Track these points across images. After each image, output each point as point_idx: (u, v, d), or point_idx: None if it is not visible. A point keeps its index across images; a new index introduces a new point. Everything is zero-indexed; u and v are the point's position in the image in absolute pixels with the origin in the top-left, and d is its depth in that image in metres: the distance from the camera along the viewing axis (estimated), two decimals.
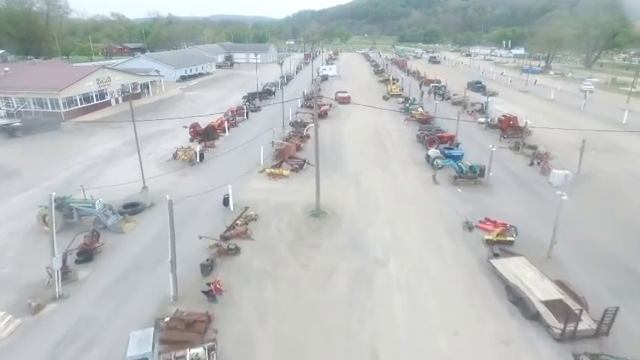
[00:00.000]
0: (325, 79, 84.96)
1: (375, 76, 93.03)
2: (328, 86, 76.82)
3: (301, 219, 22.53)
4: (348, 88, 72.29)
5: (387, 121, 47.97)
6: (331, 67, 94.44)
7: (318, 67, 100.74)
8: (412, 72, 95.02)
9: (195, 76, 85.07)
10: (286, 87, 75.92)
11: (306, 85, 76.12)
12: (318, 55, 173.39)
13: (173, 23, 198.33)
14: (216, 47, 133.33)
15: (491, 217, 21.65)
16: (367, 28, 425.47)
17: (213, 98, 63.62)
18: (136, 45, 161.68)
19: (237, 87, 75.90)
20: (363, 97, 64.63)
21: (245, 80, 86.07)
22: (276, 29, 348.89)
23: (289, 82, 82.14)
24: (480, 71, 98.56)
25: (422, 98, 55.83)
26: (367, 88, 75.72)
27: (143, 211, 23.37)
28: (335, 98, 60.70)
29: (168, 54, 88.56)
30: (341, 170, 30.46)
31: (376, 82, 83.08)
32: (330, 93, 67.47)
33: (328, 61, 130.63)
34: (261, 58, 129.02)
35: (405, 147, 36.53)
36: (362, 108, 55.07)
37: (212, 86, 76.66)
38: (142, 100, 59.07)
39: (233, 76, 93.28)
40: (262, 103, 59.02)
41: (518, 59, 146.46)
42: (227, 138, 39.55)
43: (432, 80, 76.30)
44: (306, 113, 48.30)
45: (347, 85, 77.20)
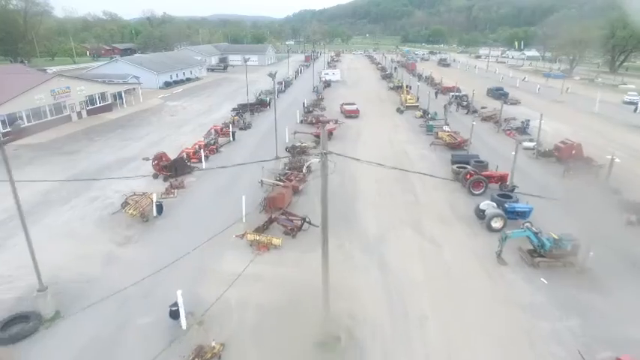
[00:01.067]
0: (328, 85, 75.82)
1: (384, 82, 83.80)
2: (332, 94, 67.65)
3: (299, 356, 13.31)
4: (355, 97, 63.11)
5: (407, 142, 38.71)
6: (334, 71, 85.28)
7: (319, 71, 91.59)
8: (423, 77, 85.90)
9: (182, 82, 75.91)
10: (284, 95, 66.84)
11: (307, 93, 66.98)
12: (320, 56, 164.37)
13: (167, 23, 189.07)
14: (210, 49, 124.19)
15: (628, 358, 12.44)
16: (369, 28, 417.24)
17: (197, 110, 54.42)
18: (126, 46, 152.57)
19: (229, 95, 66.74)
20: (373, 108, 55.56)
21: (238, 86, 76.76)
22: (276, 29, 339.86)
23: (287, 89, 73.00)
24: (500, 76, 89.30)
25: (446, 112, 46.73)
26: (376, 96, 66.52)
27: (35, 333, 14.11)
28: (341, 111, 51.56)
29: (151, 57, 79.43)
30: (356, 232, 21.22)
31: (385, 90, 73.89)
32: (334, 103, 58.39)
33: (330, 64, 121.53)
34: (258, 61, 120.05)
35: (440, 188, 27.31)
36: (374, 124, 46.07)
37: (199, 94, 67.44)
38: (112, 113, 49.88)
39: (225, 81, 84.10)
40: (254, 116, 49.87)
41: (531, 61, 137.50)
42: (203, 172, 30.36)
43: (450, 88, 67.13)
44: (306, 133, 39.15)
45: (353, 93, 68.04)
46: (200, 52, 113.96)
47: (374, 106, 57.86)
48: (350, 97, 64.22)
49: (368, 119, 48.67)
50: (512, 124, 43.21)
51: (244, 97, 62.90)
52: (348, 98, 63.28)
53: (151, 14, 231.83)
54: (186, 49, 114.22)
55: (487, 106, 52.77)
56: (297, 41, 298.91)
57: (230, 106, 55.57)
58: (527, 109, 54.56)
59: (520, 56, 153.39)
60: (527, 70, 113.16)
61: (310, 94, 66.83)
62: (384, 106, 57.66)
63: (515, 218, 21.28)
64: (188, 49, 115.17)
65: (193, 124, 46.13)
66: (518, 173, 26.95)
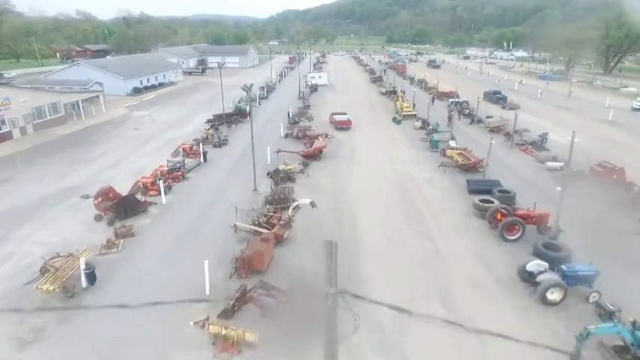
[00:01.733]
0: (314, 89, 69.96)
1: (373, 86, 78.36)
2: (319, 100, 61.80)
3: None
4: (345, 104, 57.55)
5: (410, 161, 33.07)
6: (321, 74, 79.49)
7: (305, 75, 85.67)
8: (415, 79, 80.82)
9: (154, 88, 68.94)
10: (266, 102, 60.67)
11: (292, 100, 60.98)
12: (304, 57, 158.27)
13: (143, 23, 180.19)
14: (188, 50, 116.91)
15: None
16: (353, 28, 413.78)
17: (167, 121, 47.85)
18: (99, 47, 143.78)
19: (205, 102, 60.18)
20: (366, 117, 49.92)
21: (217, 91, 69.88)
22: (259, 29, 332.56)
23: (271, 95, 66.85)
24: (494, 78, 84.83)
25: (451, 124, 41.48)
26: (367, 102, 60.94)
27: None
28: (331, 121, 45.75)
29: (119, 60, 72.20)
30: (363, 316, 15.28)
31: (376, 95, 68.41)
32: (323, 111, 52.56)
33: (316, 65, 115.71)
34: (239, 63, 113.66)
35: (462, 229, 21.71)
36: (369, 138, 40.33)
37: (172, 102, 60.67)
38: (65, 127, 42.99)
39: (203, 85, 77.37)
40: (232, 128, 43.65)
41: (522, 62, 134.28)
42: (162, 209, 24.10)
43: (447, 93, 62.04)
44: (292, 153, 33.22)
45: (342, 99, 62.35)
46: (176, 54, 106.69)
47: (366, 114, 52.23)
48: (339, 104, 58.62)
49: (362, 131, 42.99)
50: (525, 137, 38.03)
51: (225, 103, 56.78)
52: (337, 105, 57.66)
53: (128, 14, 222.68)
54: (161, 51, 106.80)
55: (492, 115, 47.65)
56: (280, 41, 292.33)
57: (206, 115, 49.26)
58: (531, 116, 49.62)
59: (509, 57, 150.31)
60: (519, 71, 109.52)
61: (295, 100, 60.88)
62: (378, 115, 52.09)
63: (574, 284, 15.78)
64: (163, 50, 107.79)
65: (160, 139, 39.63)
66: (547, 203, 21.64)
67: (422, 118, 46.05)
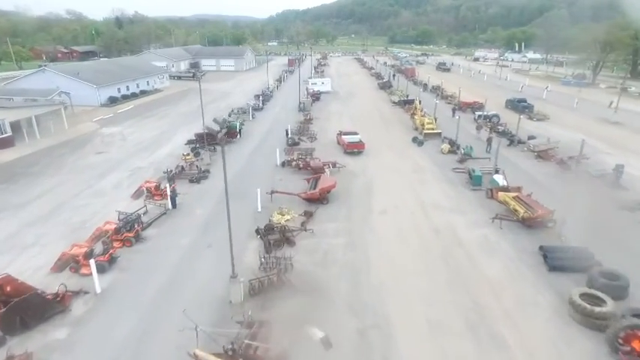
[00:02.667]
0: (317, 98, 61.69)
1: (382, 93, 70.09)
2: (323, 111, 53.53)
3: None
4: (353, 116, 49.44)
5: (450, 209, 24.55)
6: (324, 80, 71.19)
7: (305, 80, 77.45)
8: (428, 85, 72.56)
9: (134, 97, 60.61)
10: (262, 113, 52.37)
11: (291, 111, 52.74)
12: (305, 59, 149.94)
13: (136, 23, 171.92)
14: (180, 52, 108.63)
15: None
16: (354, 28, 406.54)
17: (140, 142, 39.54)
18: (86, 48, 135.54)
19: (190, 115, 51.87)
20: (379, 135, 41.69)
21: (207, 100, 62.12)
22: (258, 29, 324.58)
23: (267, 104, 58.57)
24: (514, 84, 76.47)
25: (489, 148, 33.27)
26: (378, 114, 52.66)
27: None
28: (338, 142, 37.57)
29: (95, 65, 63.91)
30: None
31: (387, 104, 60.16)
32: (327, 126, 44.42)
33: (317, 68, 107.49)
34: (235, 66, 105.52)
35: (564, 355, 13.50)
36: (387, 166, 31.97)
37: (152, 114, 52.34)
38: (11, 150, 34.71)
39: (192, 92, 68.98)
40: (217, 153, 35.38)
41: (537, 65, 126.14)
42: (94, 305, 15.85)
43: (470, 103, 53.84)
44: (290, 194, 25.04)
45: (349, 110, 54.14)
46: (166, 57, 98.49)
47: (379, 131, 43.97)
48: (346, 116, 50.44)
49: (377, 156, 34.73)
50: (591, 168, 29.71)
51: (214, 113, 48.52)
52: (343, 117, 49.49)
53: (122, 13, 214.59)
54: (149, 53, 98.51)
55: (527, 130, 39.46)
56: (280, 42, 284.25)
57: (189, 131, 41.10)
58: (569, 132, 41.61)
59: (521, 59, 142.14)
60: (537, 75, 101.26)
61: (295, 112, 52.64)
62: (393, 132, 43.83)
63: None
64: (152, 52, 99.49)
65: (125, 169, 31.37)
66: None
67: (448, 138, 37.81)
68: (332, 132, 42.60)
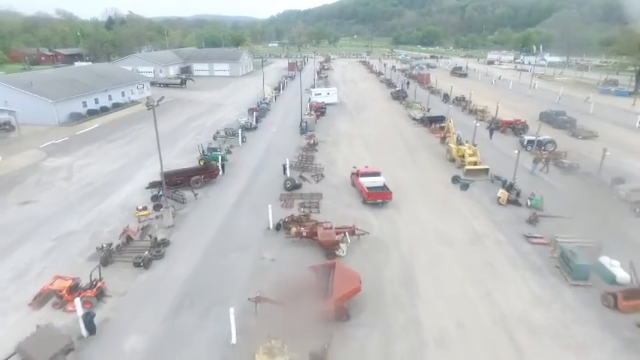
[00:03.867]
0: (322, 113, 51.88)
1: (397, 106, 60.22)
2: (330, 131, 43.71)
3: None
4: (367, 139, 39.91)
5: (555, 336, 14.79)
6: (329, 90, 61.27)
7: (307, 88, 67.80)
8: (448, 95, 62.75)
9: (105, 112, 50.86)
10: (256, 133, 42.52)
11: (291, 129, 42.98)
12: (306, 62, 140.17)
13: (130, 23, 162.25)
14: (169, 55, 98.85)
15: None
16: (356, 28, 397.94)
17: (91, 180, 29.71)
18: (72, 51, 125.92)
19: (168, 137, 42.08)
20: (406, 170, 31.82)
21: (191, 115, 52.49)
22: (258, 30, 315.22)
23: (261, 121, 48.72)
24: (555, 96, 66.43)
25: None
26: (398, 136, 42.73)
27: None
28: (354, 183, 27.90)
29: (52, 74, 53.66)
30: None
31: (406, 121, 50.26)
32: (337, 155, 34.69)
33: (320, 74, 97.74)
34: (230, 70, 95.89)
35: None
36: (432, 239, 21.59)
37: (119, 136, 42.40)
38: None
39: (176, 105, 59.33)
40: (186, 206, 25.47)
41: (552, 68, 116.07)
42: None
43: (510, 122, 44.02)
44: (279, 305, 15.30)
45: (361, 130, 44.38)
46: (154, 61, 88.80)
47: (404, 161, 34.11)
48: (359, 139, 40.74)
49: (409, 208, 24.90)
50: None
51: (198, 134, 39.01)
52: (355, 143, 39.73)
53: (115, 13, 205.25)
54: (134, 57, 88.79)
55: (620, 176, 29.61)
56: (281, 43, 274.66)
57: (161, 162, 31.41)
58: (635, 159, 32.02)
59: (539, 62, 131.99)
60: (563, 81, 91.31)
61: (295, 132, 42.87)
62: (421, 162, 33.99)
63: None
64: (138, 56, 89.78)
65: (48, 236, 21.54)
66: None
67: (500, 178, 28.07)
68: (343, 164, 32.89)
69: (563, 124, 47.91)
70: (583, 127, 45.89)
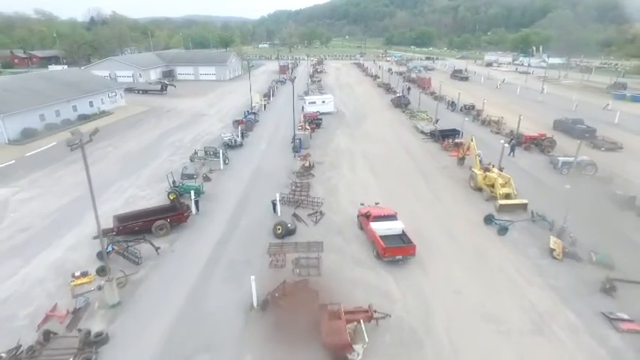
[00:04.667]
0: (317, 124, 45.77)
1: (398, 113, 54.42)
2: (327, 148, 37.56)
3: None
4: (371, 159, 33.98)
5: None
6: (325, 97, 55.10)
7: (301, 94, 61.78)
8: (455, 103, 57.18)
9: (67, 125, 44.17)
10: (239, 155, 36.12)
11: (282, 150, 36.68)
12: (298, 63, 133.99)
13: (114, 24, 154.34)
14: (150, 58, 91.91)
15: None
16: (348, 29, 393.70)
17: (27, 226, 23.15)
18: (48, 53, 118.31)
19: (137, 158, 35.73)
20: (420, 201, 25.82)
21: (168, 128, 45.99)
22: (249, 30, 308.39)
23: (248, 136, 42.44)
24: (570, 103, 61.14)
25: None
26: (406, 155, 36.79)
27: None
28: (362, 226, 21.89)
29: (2, 83, 47.13)
30: None
31: (411, 132, 44.40)
32: (337, 183, 28.60)
33: (313, 77, 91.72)
34: (217, 74, 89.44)
35: None
36: (477, 324, 15.68)
37: (78, 159, 35.83)
38: None
39: (152, 116, 52.79)
40: (143, 266, 19.21)
41: (552, 69, 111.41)
42: None
43: (535, 137, 38.39)
44: None
45: (363, 147, 38.37)
46: (133, 64, 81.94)
47: (418, 191, 28.18)
48: (361, 159, 34.80)
49: (438, 269, 18.89)
50: None
51: (166, 162, 32.73)
52: (358, 164, 33.78)
53: (98, 13, 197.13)
54: (111, 60, 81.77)
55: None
56: (271, 44, 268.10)
57: (122, 195, 25.29)
58: None
59: (540, 64, 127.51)
60: (570, 84, 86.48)
61: (287, 150, 36.69)
62: (440, 191, 28.06)
63: None
64: (115, 59, 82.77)
65: None
66: None
67: (544, 218, 22.35)
68: (346, 195, 26.93)
69: (581, 133, 43.06)
70: (605, 138, 40.94)
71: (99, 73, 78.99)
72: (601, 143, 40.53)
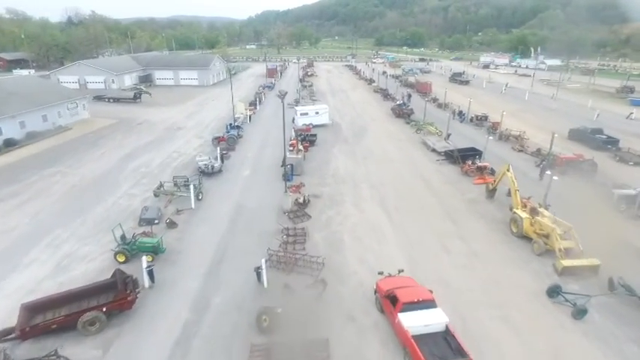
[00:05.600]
0: (311, 142, 39.12)
1: (401, 125, 48.11)
2: (325, 174, 30.65)
3: None
4: (378, 189, 27.41)
5: None
6: (318, 108, 48.32)
7: (291, 103, 55.30)
8: (462, 112, 51.14)
9: (10, 146, 36.76)
10: (215, 186, 28.98)
11: (269, 179, 29.59)
12: (287, 66, 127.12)
13: (88, 24, 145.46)
14: (126, 62, 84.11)
15: None
16: (337, 29, 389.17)
17: None
18: (15, 56, 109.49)
19: (79, 197, 28.69)
20: (445, 251, 19.01)
21: (130, 150, 38.66)
22: (236, 31, 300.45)
23: (229, 159, 35.51)
24: (587, 110, 55.53)
25: None
26: (421, 182, 30.32)
27: None
28: (382, 307, 15.05)
29: None
30: None
31: (418, 148, 38.07)
32: (342, 229, 21.81)
33: (303, 82, 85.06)
34: (199, 79, 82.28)
35: None
36: None
37: (10, 194, 28.32)
38: None
39: (118, 132, 45.54)
40: None
41: (552, 71, 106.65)
42: None
43: (571, 159, 32.34)
44: None
45: (367, 169, 31.79)
46: (105, 69, 74.28)
47: (446, 240, 21.74)
48: (367, 189, 28.30)
49: None
50: None
51: (124, 199, 25.63)
52: (363, 196, 27.29)
53: (76, 13, 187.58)
54: (80, 65, 73.96)
55: None
56: (259, 45, 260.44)
57: (49, 261, 18.40)
58: None
59: (538, 66, 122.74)
60: (578, 89, 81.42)
61: (276, 177, 29.97)
62: (474, 242, 21.64)
63: None
64: (85, 64, 74.93)
65: None
66: None
67: (631, 291, 16.18)
68: (353, 249, 20.42)
69: (601, 145, 38.04)
70: (631, 150, 35.62)
71: (67, 78, 71.45)
72: (628, 156, 35.09)
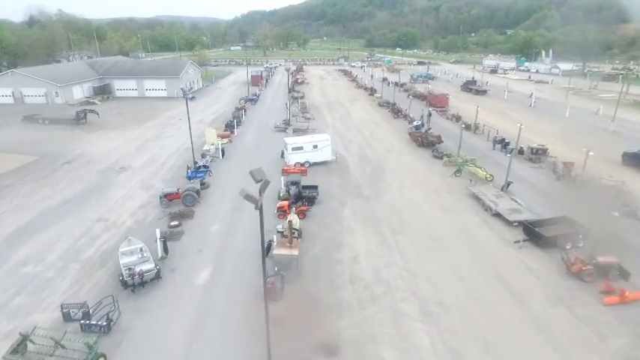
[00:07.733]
0: (311, 202, 26.02)
1: (424, 156, 35.33)
2: (339, 275, 16.63)
3: None
4: (425, 297, 13.41)
5: None
6: (317, 139, 34.74)
7: (279, 125, 42.28)
8: (503, 139, 38.75)
9: None
10: (144, 312, 14.96)
11: (245, 293, 15.15)
12: (274, 71, 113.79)
13: (49, 24, 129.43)
14: (79, 70, 69.52)
15: None
16: (326, 30, 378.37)
17: None
18: None
19: None
20: None
21: (28, 220, 25.01)
22: (220, 32, 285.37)
23: (179, 240, 22.20)
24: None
25: None
26: (502, 286, 17.60)
27: None
28: None
29: None
30: None
31: (467, 204, 25.32)
32: None
33: (293, 91, 71.72)
34: (168, 90, 68.39)
35: None
36: None
37: None
38: None
39: (29, 179, 31.85)
40: None
41: (564, 76, 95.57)
42: None
43: None
44: None
45: (400, 258, 18.32)
46: (49, 79, 59.78)
47: None
48: (407, 306, 14.84)
49: None
50: None
51: None
52: (409, 325, 13.87)
53: (40, 12, 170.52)
54: (14, 74, 59.34)
55: None
56: (244, 46, 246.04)
57: None
58: None
59: (551, 70, 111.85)
60: (610, 99, 69.93)
61: (253, 285, 16.58)
62: None
63: None
64: (21, 73, 60.29)
65: None
66: None
67: None
68: None
69: None
70: None
71: None
72: None
